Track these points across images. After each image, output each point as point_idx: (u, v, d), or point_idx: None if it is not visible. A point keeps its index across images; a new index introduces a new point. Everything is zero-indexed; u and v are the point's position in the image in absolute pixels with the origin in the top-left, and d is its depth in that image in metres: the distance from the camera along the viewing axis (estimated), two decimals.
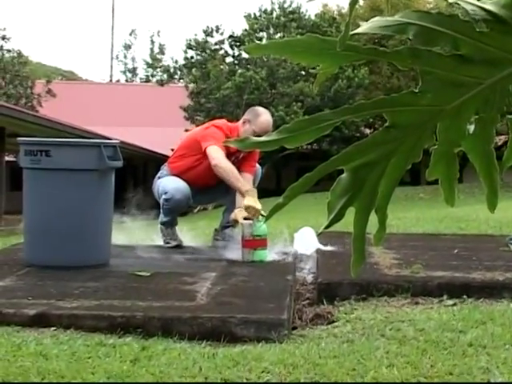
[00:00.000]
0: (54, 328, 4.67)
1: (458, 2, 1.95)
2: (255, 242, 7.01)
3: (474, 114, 2.01)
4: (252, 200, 7.13)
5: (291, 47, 2.02)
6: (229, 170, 7.54)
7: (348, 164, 2.01)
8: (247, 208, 7.07)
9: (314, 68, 2.06)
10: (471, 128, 2.03)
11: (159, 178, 8.37)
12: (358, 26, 1.98)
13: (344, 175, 2.03)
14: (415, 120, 1.97)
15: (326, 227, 2.09)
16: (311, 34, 1.92)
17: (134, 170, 32.98)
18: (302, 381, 3.74)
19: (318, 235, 7.32)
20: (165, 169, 8.38)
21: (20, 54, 41.36)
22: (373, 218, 1.88)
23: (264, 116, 7.97)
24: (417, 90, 1.95)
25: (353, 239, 2.15)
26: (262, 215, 6.96)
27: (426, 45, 1.93)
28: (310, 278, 6.30)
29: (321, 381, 3.73)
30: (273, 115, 29.31)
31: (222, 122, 8.45)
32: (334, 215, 2.05)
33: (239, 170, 7.75)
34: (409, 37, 1.93)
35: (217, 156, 7.56)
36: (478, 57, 1.92)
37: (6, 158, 25.73)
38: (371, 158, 2.01)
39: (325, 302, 5.53)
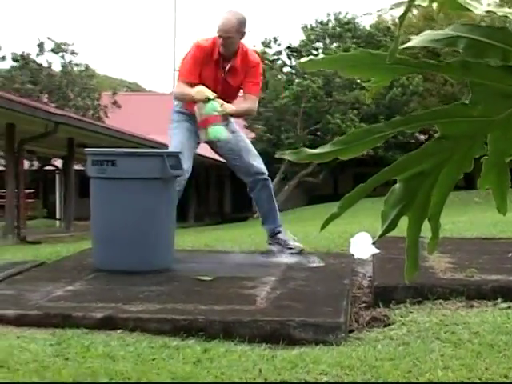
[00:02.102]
0: (121, 330, 4.69)
1: (508, 15, 1.93)
2: (206, 121, 7.26)
3: None
4: (202, 88, 7.27)
5: (343, 62, 2.02)
6: (178, 92, 7.80)
7: (400, 174, 2.01)
8: (197, 93, 7.24)
9: (367, 81, 2.06)
10: None
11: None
12: (411, 35, 1.97)
13: (397, 185, 2.03)
14: (466, 131, 1.95)
15: (380, 236, 2.09)
16: (363, 49, 1.91)
17: (196, 177, 33.06)
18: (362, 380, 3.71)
19: (373, 244, 7.26)
20: None
21: (88, 68, 41.70)
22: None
23: (220, 17, 7.57)
24: (467, 102, 1.94)
25: (406, 247, 2.14)
26: (210, 98, 7.17)
27: (475, 57, 1.91)
28: (366, 282, 6.26)
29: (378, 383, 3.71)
30: (329, 123, 29.21)
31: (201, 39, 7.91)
32: (388, 225, 2.05)
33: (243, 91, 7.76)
34: (459, 49, 1.92)
35: (174, 91, 7.96)
36: None
37: (75, 167, 25.95)
38: (423, 168, 2.00)
39: (381, 306, 5.49)
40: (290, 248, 7.74)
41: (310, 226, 11.64)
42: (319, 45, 39.79)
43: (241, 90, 7.82)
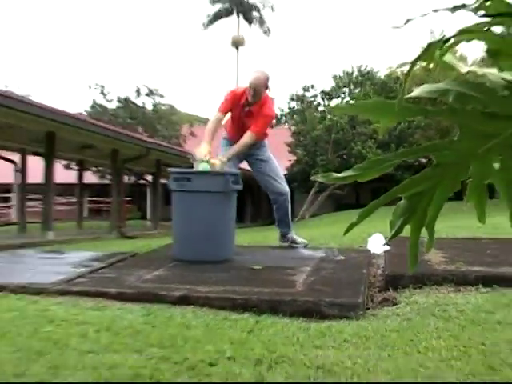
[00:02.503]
0: (193, 306, 4.68)
1: (486, 74, 1.91)
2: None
3: (498, 155, 1.96)
4: (203, 149, 7.30)
5: (362, 108, 2.01)
6: (209, 121, 7.82)
7: (405, 193, 2.00)
8: (198, 151, 7.34)
9: (378, 122, 2.05)
10: (496, 165, 1.99)
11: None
12: (414, 86, 1.97)
13: (402, 201, 2.02)
14: (454, 160, 1.94)
15: (390, 239, 2.09)
16: (376, 98, 1.90)
17: (251, 189, 33.05)
18: (372, 349, 3.67)
19: (384, 244, 7.18)
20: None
21: (171, 107, 41.91)
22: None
23: (252, 73, 7.67)
24: (455, 138, 1.92)
25: (409, 247, 2.13)
26: (202, 160, 7.16)
27: (462, 105, 1.89)
28: (379, 272, 6.20)
29: (387, 348, 3.66)
30: (353, 149, 28.90)
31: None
32: (395, 231, 2.04)
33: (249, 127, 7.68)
34: (449, 100, 1.90)
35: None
36: (500, 114, 1.88)
37: (161, 181, 26.07)
38: (422, 189, 1.99)
39: (390, 289, 5.42)
40: (297, 243, 8.00)
41: (337, 228, 11.60)
42: (345, 90, 39.56)
43: None
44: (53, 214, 17.53)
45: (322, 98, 40.68)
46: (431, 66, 1.96)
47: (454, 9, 1.82)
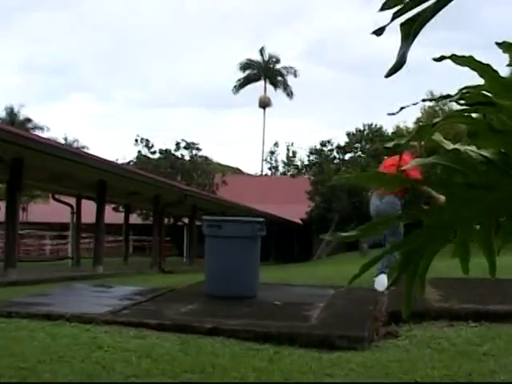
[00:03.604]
0: (222, 337, 4.73)
1: (467, 150, 1.98)
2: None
3: (478, 219, 2.03)
4: None
5: (361, 179, 2.08)
6: None
7: (400, 249, 2.06)
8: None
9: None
10: (477, 227, 2.05)
11: None
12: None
13: (398, 256, 2.08)
14: (442, 223, 2.00)
15: (387, 288, 2.15)
16: (373, 171, 1.99)
17: (274, 231, 33.04)
18: (374, 378, 3.70)
19: (389, 286, 7.04)
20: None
21: (206, 158, 42.19)
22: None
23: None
24: (443, 206, 1.99)
25: (403, 296, 2.18)
26: None
27: (447, 176, 1.96)
28: (384, 308, 6.21)
29: (387, 377, 3.69)
30: (364, 197, 28.47)
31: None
32: (392, 280, 2.10)
33: None
34: (437, 171, 1.97)
35: None
36: (479, 185, 1.95)
37: (197, 223, 26.16)
38: (414, 247, 2.05)
39: (393, 324, 5.44)
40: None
41: (348, 267, 11.56)
42: (358, 145, 39.59)
43: None
44: (102, 250, 17.66)
45: (338, 152, 40.71)
46: (422, 143, 2.05)
47: (441, 98, 1.92)
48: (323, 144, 41.29)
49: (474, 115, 1.93)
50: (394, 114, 1.97)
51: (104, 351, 4.10)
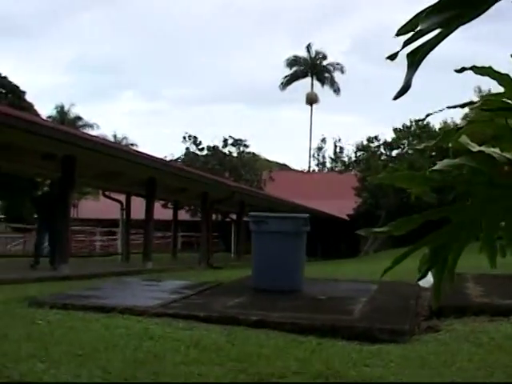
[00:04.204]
0: (267, 329, 4.90)
1: (491, 152, 2.12)
2: None
3: (503, 217, 2.16)
4: None
5: (396, 179, 2.26)
6: None
7: (428, 245, 2.20)
8: None
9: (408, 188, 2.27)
10: (502, 224, 2.19)
11: None
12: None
13: (427, 251, 2.22)
14: (468, 220, 2.13)
15: (418, 280, 2.30)
16: (407, 171, 2.16)
17: (321, 228, 33.05)
18: (412, 368, 3.83)
19: (418, 280, 7.13)
20: None
21: (254, 154, 42.42)
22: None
23: None
24: (469, 202, 2.14)
25: (433, 289, 2.33)
26: None
27: (473, 176, 2.10)
28: (426, 303, 6.30)
29: (425, 368, 3.82)
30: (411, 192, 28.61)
31: None
32: (421, 274, 2.25)
33: None
34: (463, 171, 2.12)
35: None
36: (502, 184, 2.08)
37: (244, 219, 26.39)
38: (442, 242, 2.18)
39: (434, 318, 5.54)
40: None
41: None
42: (405, 141, 39.25)
43: None
44: (152, 246, 18.04)
45: (385, 149, 40.47)
46: (450, 145, 2.20)
47: (464, 105, 2.08)
48: (370, 140, 41.07)
49: (496, 120, 2.08)
50: (421, 120, 2.14)
51: (155, 341, 4.33)
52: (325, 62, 62.36)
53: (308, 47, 62.15)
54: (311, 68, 61.96)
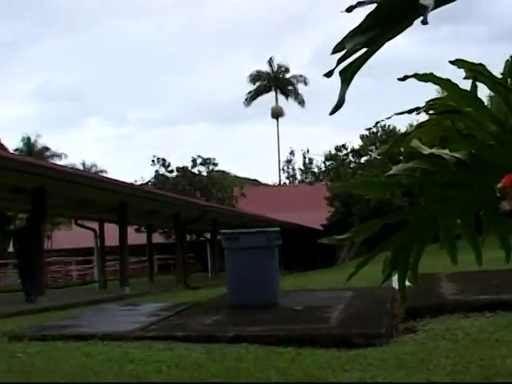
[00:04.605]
0: (245, 343, 4.93)
1: (442, 154, 2.21)
2: None
3: (458, 214, 2.25)
4: None
5: (353, 186, 2.34)
6: None
7: (390, 247, 2.27)
8: None
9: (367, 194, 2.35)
10: (459, 221, 2.27)
11: None
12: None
13: (389, 253, 2.30)
14: (424, 220, 2.21)
15: (383, 282, 2.37)
16: (363, 178, 2.25)
17: (295, 240, 33.09)
18: (391, 370, 3.90)
19: (382, 283, 7.22)
20: None
21: (224, 173, 42.47)
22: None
23: None
24: (424, 203, 2.22)
25: (399, 288, 2.41)
26: None
27: (426, 177, 2.19)
28: (403, 305, 6.38)
29: (402, 368, 3.90)
30: (382, 198, 28.14)
31: None
32: (386, 276, 2.32)
33: None
34: (417, 175, 2.20)
35: None
36: (454, 184, 2.17)
37: (218, 237, 26.37)
38: (402, 243, 2.26)
39: (410, 320, 5.61)
40: None
41: (367, 270, 11.70)
42: (372, 147, 39.56)
43: None
44: (128, 271, 17.99)
45: (353, 156, 40.80)
46: (402, 149, 2.29)
47: (411, 111, 2.17)
48: (338, 149, 41.36)
49: (443, 122, 2.17)
50: (370, 128, 2.24)
51: (136, 364, 4.36)
52: (288, 75, 62.74)
53: (270, 61, 62.55)
54: (274, 82, 62.30)
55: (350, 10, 1.32)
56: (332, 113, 1.24)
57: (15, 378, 3.97)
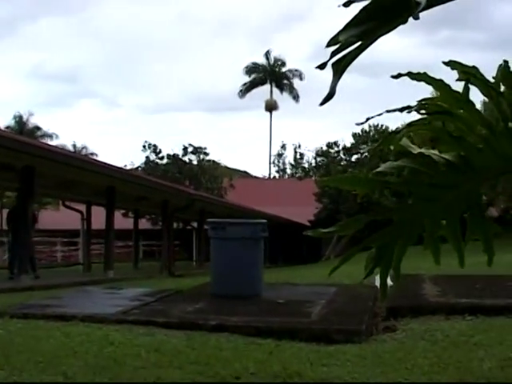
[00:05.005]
0: (227, 333, 4.96)
1: (431, 154, 2.22)
2: None
3: (443, 215, 2.26)
4: None
5: (340, 181, 2.36)
6: None
7: (374, 243, 2.29)
8: None
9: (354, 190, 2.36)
10: (444, 222, 2.29)
11: None
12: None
13: (373, 250, 2.31)
14: (409, 219, 2.23)
15: (365, 278, 2.38)
16: (350, 174, 2.26)
17: (283, 234, 33.13)
18: (368, 367, 3.94)
19: (363, 279, 7.28)
20: None
21: (214, 162, 42.37)
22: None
23: None
24: (410, 202, 2.24)
25: (380, 285, 2.42)
26: None
27: (414, 177, 2.20)
28: (383, 304, 6.41)
29: (380, 366, 3.93)
30: (371, 197, 28.80)
31: None
32: (368, 272, 2.34)
33: None
34: (405, 173, 2.21)
35: None
36: (441, 184, 2.18)
37: (205, 227, 26.36)
38: (386, 241, 2.27)
39: (391, 319, 5.65)
40: None
41: (351, 267, 11.76)
42: (364, 146, 39.62)
43: None
44: (113, 255, 17.96)
45: (344, 154, 40.87)
46: (392, 147, 2.29)
47: (402, 109, 2.18)
48: (329, 146, 41.41)
49: (433, 123, 2.19)
50: (361, 123, 2.23)
51: (115, 347, 4.37)
52: (284, 69, 62.69)
53: (267, 54, 62.45)
54: (270, 75, 62.20)
55: (347, 4, 1.33)
56: (322, 103, 1.25)
57: None
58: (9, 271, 13.49)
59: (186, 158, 40.60)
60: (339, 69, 1.22)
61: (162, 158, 40.28)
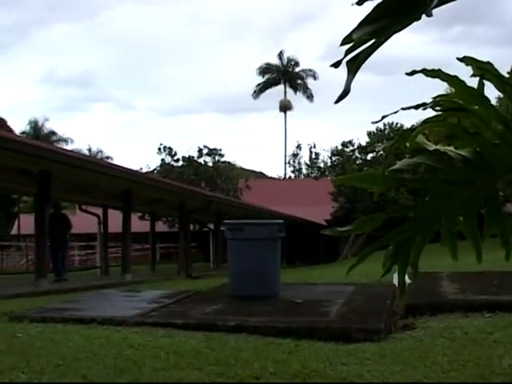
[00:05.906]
0: (245, 333, 4.98)
1: (447, 150, 2.22)
2: None
3: (460, 211, 2.26)
4: None
5: (356, 179, 2.36)
6: None
7: (392, 241, 2.29)
8: None
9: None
10: (461, 218, 2.28)
11: None
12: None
13: (390, 247, 2.31)
14: (427, 216, 2.23)
15: (382, 276, 2.38)
16: (366, 172, 2.26)
17: (300, 235, 33.06)
18: (387, 365, 3.93)
19: (381, 278, 7.27)
20: None
21: (229, 164, 42.47)
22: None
23: None
24: (427, 199, 2.23)
25: (398, 283, 2.42)
26: None
27: (430, 174, 2.20)
28: (402, 302, 6.40)
29: (399, 364, 3.92)
30: (387, 196, 28.09)
31: None
32: (386, 269, 2.34)
33: None
34: (421, 170, 2.21)
35: None
36: (458, 180, 2.18)
37: (222, 228, 26.38)
38: (404, 238, 2.27)
39: (410, 317, 5.64)
40: None
41: (369, 266, 11.75)
42: (379, 144, 39.48)
43: None
44: (130, 258, 18.04)
45: (359, 153, 40.75)
46: (408, 144, 2.29)
47: (417, 106, 2.18)
48: (345, 145, 41.32)
49: (449, 119, 2.18)
50: (377, 122, 2.23)
51: (134, 349, 4.39)
52: (297, 69, 62.62)
53: (280, 54, 62.41)
54: (284, 75, 62.17)
55: (360, 2, 1.34)
56: (337, 101, 1.26)
57: (14, 358, 4.01)
58: (54, 274, 14.31)
59: (201, 160, 40.64)
60: (354, 66, 1.22)
61: (177, 161, 40.34)
